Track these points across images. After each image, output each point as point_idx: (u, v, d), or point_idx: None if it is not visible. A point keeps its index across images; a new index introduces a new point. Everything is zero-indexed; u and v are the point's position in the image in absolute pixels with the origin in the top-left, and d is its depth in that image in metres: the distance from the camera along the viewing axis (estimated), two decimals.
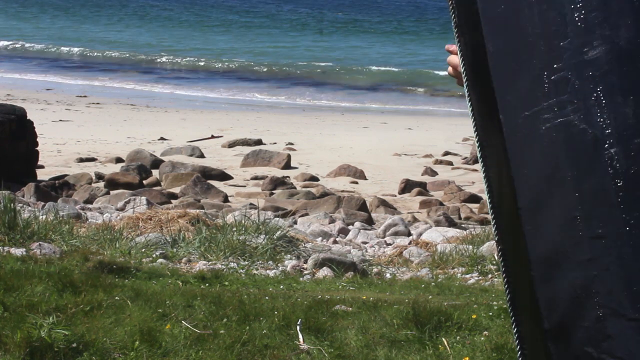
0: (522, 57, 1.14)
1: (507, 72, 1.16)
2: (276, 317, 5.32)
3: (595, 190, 1.06)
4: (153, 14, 56.36)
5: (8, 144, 14.01)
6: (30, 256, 6.92)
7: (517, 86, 1.14)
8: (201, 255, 8.28)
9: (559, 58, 1.11)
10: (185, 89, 30.12)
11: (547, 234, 1.12)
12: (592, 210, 1.06)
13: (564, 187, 1.09)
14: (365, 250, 9.90)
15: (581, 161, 1.07)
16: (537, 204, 1.12)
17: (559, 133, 1.10)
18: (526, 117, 1.13)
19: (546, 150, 1.11)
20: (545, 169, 1.10)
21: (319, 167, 16.70)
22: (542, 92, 1.12)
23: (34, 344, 4.50)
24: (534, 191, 1.13)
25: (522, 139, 1.13)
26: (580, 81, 1.08)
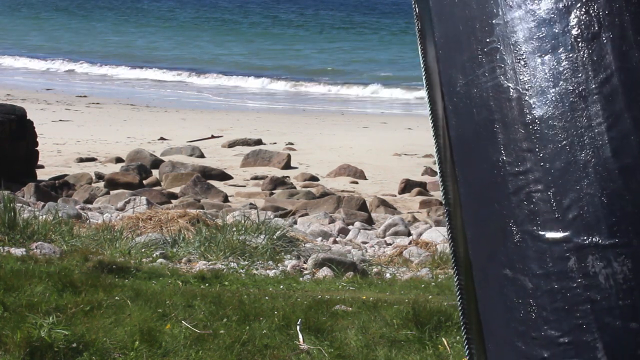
0: (462, 38, 1.38)
1: (450, 53, 1.41)
2: (276, 317, 5.32)
3: (518, 136, 1.30)
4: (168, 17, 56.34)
5: (8, 144, 14.01)
6: (30, 256, 6.92)
7: (457, 62, 1.38)
8: (201, 255, 8.28)
9: (491, 33, 1.37)
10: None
11: (478, 172, 1.35)
12: (516, 152, 1.29)
13: (494, 136, 1.32)
14: (365, 250, 9.90)
15: (507, 114, 1.30)
16: (471, 149, 1.36)
17: (489, 93, 1.34)
18: (463, 85, 1.38)
19: (479, 109, 1.35)
20: (478, 123, 1.34)
21: (319, 167, 16.70)
22: (477, 63, 1.37)
23: (34, 343, 4.50)
24: (468, 144, 1.37)
25: (459, 101, 1.38)
26: (505, 49, 1.34)
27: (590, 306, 1.28)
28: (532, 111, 1.35)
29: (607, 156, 1.30)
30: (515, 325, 1.33)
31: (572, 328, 1.29)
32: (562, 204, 1.32)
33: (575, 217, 1.31)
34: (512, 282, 1.34)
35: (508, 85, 1.38)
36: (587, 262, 1.29)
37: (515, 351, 1.31)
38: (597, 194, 1.29)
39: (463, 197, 1.43)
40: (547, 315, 1.30)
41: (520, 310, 1.33)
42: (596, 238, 1.28)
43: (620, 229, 1.28)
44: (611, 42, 1.34)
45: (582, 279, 1.28)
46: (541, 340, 1.29)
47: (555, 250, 1.30)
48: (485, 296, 1.39)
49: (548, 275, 1.29)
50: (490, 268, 1.37)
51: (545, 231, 1.31)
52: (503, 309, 1.35)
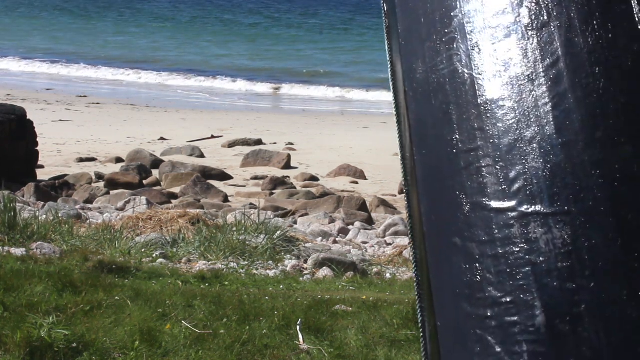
0: (423, 30, 1.53)
1: (412, 43, 1.55)
2: (276, 317, 5.32)
3: (470, 116, 1.43)
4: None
5: (8, 144, 14.01)
6: (30, 256, 6.92)
7: (418, 52, 1.52)
8: (201, 255, 8.28)
9: (449, 25, 1.51)
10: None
11: (433, 151, 1.50)
12: (468, 131, 1.43)
13: (449, 117, 1.46)
14: (365, 250, 9.90)
15: (461, 97, 1.44)
16: (427, 130, 1.51)
17: (446, 78, 1.48)
18: (422, 72, 1.52)
19: (437, 94, 1.49)
20: (435, 106, 1.47)
21: (319, 167, 16.70)
22: (436, 51, 1.51)
23: (34, 343, 4.50)
24: (426, 125, 1.52)
25: (419, 87, 1.52)
26: (462, 38, 1.48)
27: (531, 269, 1.38)
28: (484, 93, 1.49)
29: (551, 132, 1.43)
30: (461, 288, 1.44)
31: (514, 289, 1.39)
32: (508, 176, 1.44)
33: (520, 189, 1.43)
34: (460, 249, 1.45)
35: (463, 71, 1.51)
36: (530, 229, 1.40)
37: (461, 311, 1.42)
38: (540, 167, 1.42)
39: (419, 174, 1.57)
40: (490, 278, 1.41)
41: (467, 274, 1.43)
42: (538, 207, 1.40)
43: (561, 198, 1.40)
44: (558, 30, 1.47)
45: (524, 244, 1.40)
46: (485, 301, 1.40)
47: (501, 218, 1.42)
48: (435, 264, 1.51)
49: (493, 242, 1.41)
50: (441, 237, 1.50)
51: (492, 201, 1.43)
52: (451, 274, 1.46)
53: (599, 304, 1.37)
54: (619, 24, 1.48)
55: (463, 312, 1.45)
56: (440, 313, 1.50)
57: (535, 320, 1.38)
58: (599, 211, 1.41)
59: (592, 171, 1.43)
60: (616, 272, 1.37)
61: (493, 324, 1.41)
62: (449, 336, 1.49)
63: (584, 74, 1.47)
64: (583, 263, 1.38)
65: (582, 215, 1.41)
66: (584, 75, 1.47)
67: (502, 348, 1.40)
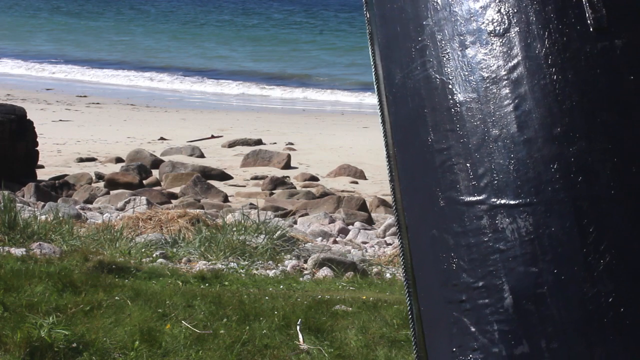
0: (399, 38, 1.65)
1: (390, 51, 1.68)
2: (276, 317, 5.32)
3: (443, 118, 1.57)
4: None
5: (8, 144, 14.00)
6: (30, 256, 6.92)
7: (396, 59, 1.65)
8: (201, 255, 8.27)
9: (422, 33, 1.63)
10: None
11: (411, 151, 1.63)
12: (440, 132, 1.57)
13: (424, 119, 1.60)
14: (365, 250, 9.90)
15: (434, 100, 1.57)
16: (406, 132, 1.66)
17: (421, 83, 1.61)
18: (400, 78, 1.65)
19: (413, 97, 1.62)
20: (412, 109, 1.60)
21: (319, 167, 16.69)
22: (411, 58, 1.63)
23: (34, 343, 4.50)
24: (404, 127, 1.66)
25: (397, 91, 1.66)
26: (434, 45, 1.61)
27: (499, 256, 1.53)
28: (454, 97, 1.62)
29: (514, 131, 1.55)
30: (439, 275, 1.59)
31: (485, 274, 1.54)
32: (477, 172, 1.57)
33: (487, 183, 1.57)
34: (437, 240, 1.61)
35: (435, 76, 1.65)
36: (497, 220, 1.55)
37: (439, 296, 1.58)
38: (505, 163, 1.55)
39: (400, 172, 1.70)
40: (464, 265, 1.56)
41: (444, 263, 1.58)
42: (504, 200, 1.55)
43: (524, 191, 1.54)
44: (518, 35, 1.59)
45: (492, 233, 1.55)
46: (459, 286, 1.56)
47: (472, 211, 1.57)
48: (417, 253, 1.67)
49: (466, 233, 1.56)
50: (421, 229, 1.65)
51: (463, 196, 1.57)
52: (431, 263, 1.62)
53: (559, 285, 1.50)
54: (573, 28, 1.59)
55: (441, 297, 1.60)
56: (423, 298, 1.66)
57: (504, 302, 1.53)
58: (557, 202, 1.54)
59: (550, 165, 1.55)
60: (574, 256, 1.50)
61: (468, 307, 1.56)
62: (430, 319, 1.65)
63: (541, 76, 1.58)
64: (544, 249, 1.52)
65: (543, 205, 1.54)
66: (541, 77, 1.59)
67: (476, 328, 1.55)
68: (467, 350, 1.56)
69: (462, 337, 1.57)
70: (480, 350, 1.54)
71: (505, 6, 1.63)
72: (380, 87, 1.76)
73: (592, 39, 1.58)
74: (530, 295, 1.53)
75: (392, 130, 1.74)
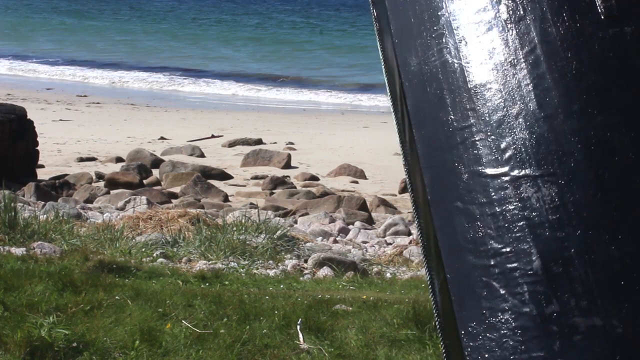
0: (414, 29, 1.77)
1: (405, 41, 1.81)
2: (276, 317, 5.32)
3: (463, 100, 1.69)
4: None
5: (8, 144, 14.00)
6: (30, 256, 6.92)
7: (411, 48, 1.78)
8: (201, 254, 8.27)
9: (437, 22, 1.76)
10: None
11: (432, 131, 1.74)
12: (461, 111, 1.67)
13: (443, 101, 1.72)
14: (366, 250, 9.90)
15: (452, 83, 1.69)
16: (425, 114, 1.75)
17: (438, 69, 1.73)
18: (416, 65, 1.77)
19: (430, 82, 1.74)
20: (430, 93, 1.71)
21: (319, 166, 16.69)
22: (427, 46, 1.76)
23: (34, 343, 4.50)
24: (423, 110, 1.76)
25: (414, 77, 1.78)
26: (450, 34, 1.73)
27: (526, 222, 1.65)
28: (473, 79, 1.75)
29: (534, 108, 1.69)
30: (466, 243, 1.69)
31: (512, 240, 1.64)
32: (499, 147, 1.70)
33: (510, 157, 1.69)
34: (462, 211, 1.71)
35: (453, 61, 1.78)
36: (522, 189, 1.67)
37: (467, 263, 1.68)
38: (527, 137, 1.69)
39: (420, 151, 1.81)
40: (491, 233, 1.66)
41: (470, 232, 1.68)
42: (528, 170, 1.67)
43: (547, 162, 1.67)
44: (534, 22, 1.74)
45: (518, 202, 1.66)
46: (487, 252, 1.66)
47: (496, 182, 1.68)
48: (441, 226, 1.76)
49: (491, 203, 1.67)
50: (445, 203, 1.75)
51: (487, 169, 1.69)
52: (456, 233, 1.71)
53: (585, 247, 1.63)
54: (585, 15, 1.75)
55: (469, 264, 1.69)
56: (449, 267, 1.74)
57: (532, 265, 1.64)
58: (580, 171, 1.68)
59: (571, 138, 1.70)
60: (598, 221, 1.63)
61: (496, 271, 1.65)
62: (458, 285, 1.72)
63: (558, 58, 1.74)
64: (569, 215, 1.65)
65: (566, 175, 1.68)
66: (558, 59, 1.74)
67: (505, 290, 1.64)
68: (498, 311, 1.64)
69: (492, 300, 1.64)
70: (511, 310, 1.62)
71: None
72: (393, 77, 1.89)
73: (603, 26, 1.73)
74: (558, 257, 1.62)
75: (410, 114, 1.83)
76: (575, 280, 1.62)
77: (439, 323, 1.76)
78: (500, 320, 1.64)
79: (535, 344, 1.64)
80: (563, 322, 1.63)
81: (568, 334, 1.63)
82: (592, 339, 1.62)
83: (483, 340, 1.68)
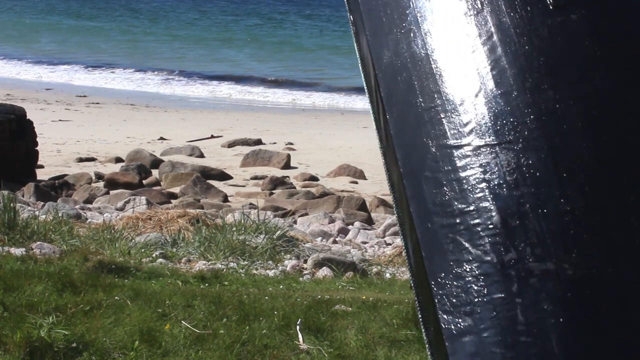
0: (385, 26, 2.03)
1: (378, 38, 2.07)
2: (276, 317, 5.32)
3: (429, 83, 1.99)
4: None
5: (8, 144, 14.00)
6: (30, 256, 6.92)
7: (383, 43, 2.05)
8: (201, 255, 8.27)
9: (406, 20, 2.03)
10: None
11: (402, 112, 1.99)
12: (428, 94, 1.95)
13: (412, 86, 2.00)
14: (365, 250, 9.90)
15: (420, 70, 2.00)
16: (396, 98, 2.04)
17: (407, 59, 2.03)
18: (388, 57, 2.05)
19: (401, 71, 2.01)
20: (401, 81, 1.97)
21: (319, 167, 16.69)
22: (397, 41, 2.05)
23: (33, 343, 4.50)
24: (394, 95, 2.03)
25: (387, 68, 2.05)
26: (417, 28, 2.02)
27: (486, 184, 1.93)
28: (437, 65, 2.06)
29: (492, 87, 1.96)
30: (434, 207, 1.98)
31: (474, 200, 1.90)
32: (462, 122, 1.97)
33: (471, 129, 1.97)
34: (430, 179, 1.98)
35: (420, 52, 2.10)
36: (482, 157, 1.93)
37: (436, 223, 1.97)
38: (485, 112, 1.98)
39: (393, 132, 2.11)
40: (455, 195, 1.91)
41: (437, 196, 1.94)
42: (487, 140, 1.94)
43: (503, 132, 1.96)
44: (490, 14, 2.05)
45: (478, 167, 1.94)
46: (453, 212, 1.94)
47: (460, 152, 1.96)
48: (413, 194, 2.05)
49: (456, 170, 1.95)
50: (416, 174, 2.04)
51: (451, 141, 1.97)
52: (425, 199, 1.99)
53: (538, 203, 1.92)
54: (535, 6, 2.07)
55: (437, 224, 1.99)
56: (420, 228, 2.04)
57: (492, 220, 1.92)
58: (532, 139, 1.99)
59: (525, 110, 2.01)
60: (549, 180, 1.93)
61: (461, 228, 1.93)
62: (428, 243, 2.01)
63: (512, 43, 2.08)
64: (524, 176, 1.95)
65: (521, 143, 1.99)
66: (512, 44, 2.08)
67: (469, 243, 1.91)
68: (463, 262, 1.92)
69: (457, 252, 1.91)
70: (474, 260, 1.91)
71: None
72: (368, 70, 2.15)
73: (552, 14, 2.01)
74: (514, 213, 1.90)
75: (383, 100, 2.10)
76: (530, 232, 1.89)
77: (413, 282, 1.98)
78: (465, 269, 1.88)
79: (496, 288, 1.89)
80: (520, 267, 1.89)
81: (524, 277, 1.89)
82: (546, 281, 1.88)
83: (450, 288, 1.90)
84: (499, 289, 1.87)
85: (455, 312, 1.89)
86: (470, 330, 1.89)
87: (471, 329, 1.89)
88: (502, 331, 1.86)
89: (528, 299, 1.87)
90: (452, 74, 2.02)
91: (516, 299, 1.85)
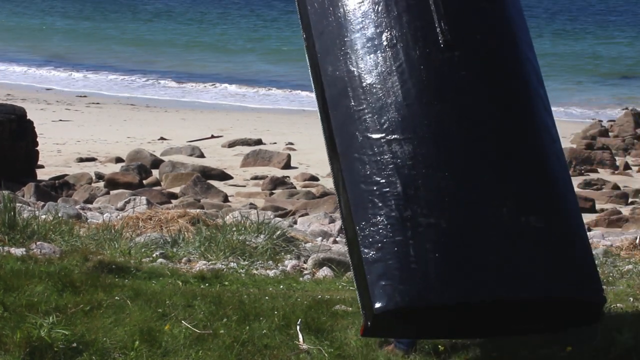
0: (330, 48, 3.17)
1: (325, 56, 3.33)
2: (276, 317, 5.32)
3: (359, 93, 3.44)
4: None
5: (8, 144, 13.99)
6: (30, 256, 6.91)
7: (328, 60, 3.38)
8: (201, 255, 8.26)
9: (345, 45, 3.33)
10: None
11: (339, 113, 3.40)
12: (358, 100, 3.39)
13: (347, 93, 3.42)
14: None
15: (353, 82, 3.47)
16: (336, 102, 3.48)
17: (344, 73, 3.40)
18: (331, 71, 3.42)
19: (340, 82, 3.42)
20: (339, 89, 3.37)
21: (319, 166, 16.68)
22: (338, 59, 3.39)
23: (33, 343, 4.50)
24: (335, 100, 3.45)
25: (330, 80, 3.43)
26: (352, 52, 3.35)
27: (394, 165, 3.15)
28: (365, 81, 3.24)
29: (401, 99, 3.15)
30: (359, 178, 3.18)
31: (386, 175, 3.14)
32: (380, 121, 3.16)
33: (386, 127, 3.16)
34: (358, 159, 3.18)
35: (354, 69, 3.25)
36: (392, 146, 3.14)
37: (360, 189, 3.22)
38: (396, 116, 3.15)
39: (334, 125, 3.29)
40: (374, 172, 3.14)
41: (362, 171, 3.16)
42: (396, 136, 3.16)
43: (407, 130, 3.15)
44: (402, 48, 3.23)
45: (390, 154, 3.16)
46: (372, 183, 3.17)
47: (378, 142, 3.17)
48: (346, 168, 3.26)
49: (375, 154, 3.16)
50: (348, 156, 3.22)
51: (373, 134, 3.19)
52: (354, 172, 3.21)
53: (428, 179, 3.10)
54: (433, 44, 3.19)
55: (361, 190, 3.16)
56: (350, 192, 3.18)
57: (397, 189, 3.10)
58: (426, 136, 3.14)
59: (422, 117, 3.14)
60: (436, 164, 3.12)
61: (377, 193, 3.12)
62: (355, 203, 3.15)
63: (416, 70, 3.12)
64: (419, 161, 3.10)
65: (418, 138, 3.11)
66: (416, 70, 3.14)
67: (382, 204, 3.11)
68: (377, 215, 3.02)
69: (374, 209, 3.03)
70: (385, 215, 3.04)
71: (393, 32, 3.18)
72: (318, 78, 3.21)
73: (442, 51, 3.09)
74: (411, 185, 3.01)
75: (327, 101, 3.12)
76: (420, 198, 3.01)
77: (343, 226, 3.10)
78: (379, 220, 3.01)
79: (397, 233, 3.00)
80: (413, 221, 3.02)
81: (415, 227, 3.01)
82: (429, 230, 3.01)
83: (369, 232, 3.04)
84: (400, 234, 3.03)
85: (371, 247, 3.06)
86: (380, 258, 3.06)
87: (380, 258, 3.05)
88: (400, 260, 3.03)
89: (417, 241, 3.05)
90: (375, 88, 3.05)
91: (410, 240, 3.04)
